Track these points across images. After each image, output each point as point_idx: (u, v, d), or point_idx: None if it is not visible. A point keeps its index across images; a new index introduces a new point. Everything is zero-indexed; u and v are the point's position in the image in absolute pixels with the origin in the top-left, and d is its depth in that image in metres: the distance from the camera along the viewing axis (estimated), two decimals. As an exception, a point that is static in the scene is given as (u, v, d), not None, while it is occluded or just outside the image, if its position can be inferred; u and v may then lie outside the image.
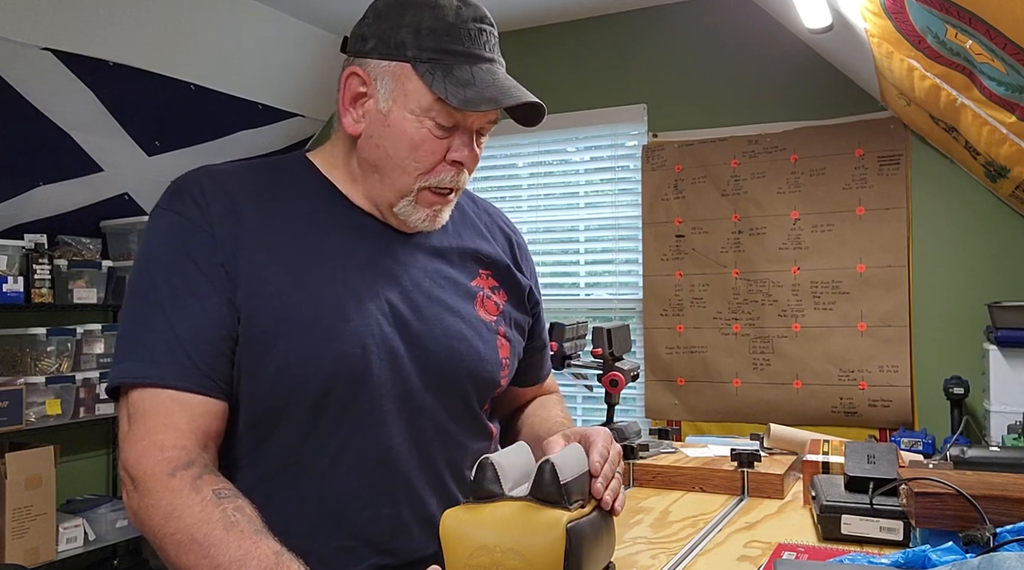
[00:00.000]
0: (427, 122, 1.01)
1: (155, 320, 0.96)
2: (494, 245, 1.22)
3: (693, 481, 1.58)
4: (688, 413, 3.36)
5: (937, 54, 1.91)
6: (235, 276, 0.98)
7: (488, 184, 3.93)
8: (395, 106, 1.01)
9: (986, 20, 1.48)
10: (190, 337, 0.95)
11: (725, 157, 3.31)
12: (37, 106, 2.90)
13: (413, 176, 1.03)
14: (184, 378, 0.94)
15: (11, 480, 2.75)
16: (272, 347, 0.97)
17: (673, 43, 3.45)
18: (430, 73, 0.99)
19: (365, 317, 1.01)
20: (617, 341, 1.89)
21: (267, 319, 0.97)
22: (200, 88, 3.29)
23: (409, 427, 1.04)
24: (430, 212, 1.06)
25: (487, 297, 1.16)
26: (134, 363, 0.95)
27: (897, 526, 1.19)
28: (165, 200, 1.03)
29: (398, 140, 1.02)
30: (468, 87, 0.99)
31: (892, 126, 3.05)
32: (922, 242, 3.04)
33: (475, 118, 1.03)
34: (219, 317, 0.97)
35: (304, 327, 0.98)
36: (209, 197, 1.01)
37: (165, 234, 1.00)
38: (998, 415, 2.54)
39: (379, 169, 1.04)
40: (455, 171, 1.05)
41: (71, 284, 3.23)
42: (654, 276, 3.44)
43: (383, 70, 1.01)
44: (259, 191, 1.04)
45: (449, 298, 1.10)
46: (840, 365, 3.10)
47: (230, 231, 0.99)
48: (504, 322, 1.17)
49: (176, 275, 0.97)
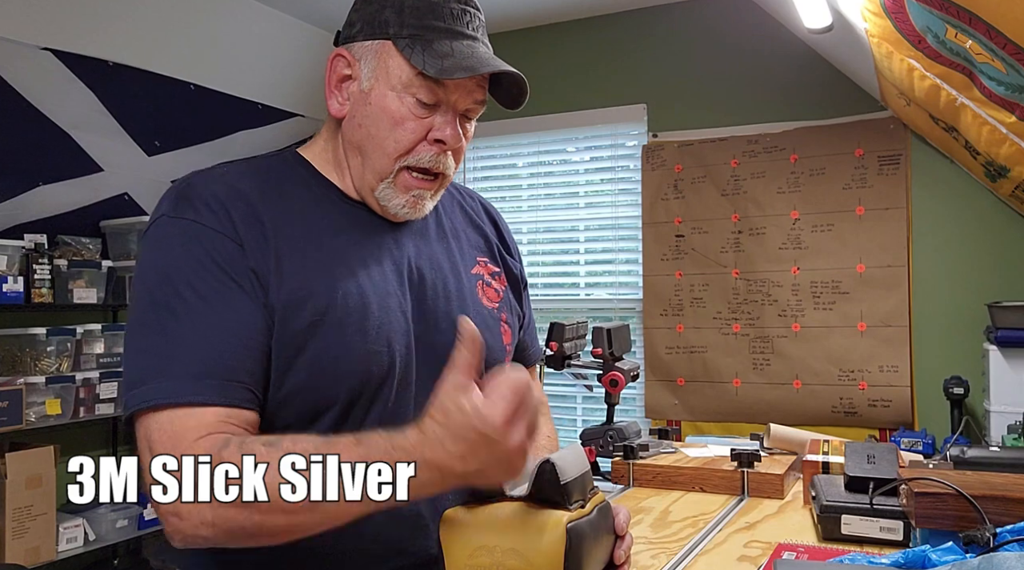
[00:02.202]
0: (408, 99, 0.99)
1: (186, 333, 0.90)
2: (485, 230, 1.22)
3: (693, 481, 1.58)
4: (688, 413, 3.36)
5: (937, 54, 1.91)
6: (266, 281, 0.95)
7: (488, 184, 3.93)
8: (377, 84, 1.00)
9: (986, 20, 1.48)
10: (230, 351, 0.90)
11: (725, 157, 3.31)
12: (37, 106, 2.90)
13: (393, 156, 1.01)
14: (226, 395, 0.89)
15: (11, 480, 2.75)
16: (303, 351, 0.95)
17: (673, 43, 3.45)
18: (409, 47, 0.98)
19: (387, 314, 1.01)
20: (617, 341, 1.89)
21: (299, 323, 0.95)
22: (200, 88, 3.28)
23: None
24: (409, 198, 1.04)
25: (487, 284, 1.16)
26: (169, 382, 0.88)
27: (897, 526, 1.19)
28: (171, 207, 0.97)
29: (379, 118, 1.00)
30: (446, 58, 0.98)
31: (892, 126, 3.05)
32: (922, 242, 3.03)
33: (458, 96, 1.01)
34: (256, 327, 0.93)
35: (335, 328, 0.96)
36: (226, 202, 0.97)
37: (184, 242, 0.94)
38: (998, 415, 2.54)
39: (362, 150, 1.03)
40: (436, 151, 1.02)
41: (71, 284, 3.23)
42: (654, 276, 3.43)
43: (366, 50, 1.01)
44: (269, 192, 1.02)
45: (454, 289, 1.10)
46: (840, 365, 3.10)
47: (256, 235, 0.96)
48: (505, 308, 1.18)
49: (204, 284, 0.92)
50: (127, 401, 0.90)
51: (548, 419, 1.30)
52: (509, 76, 1.02)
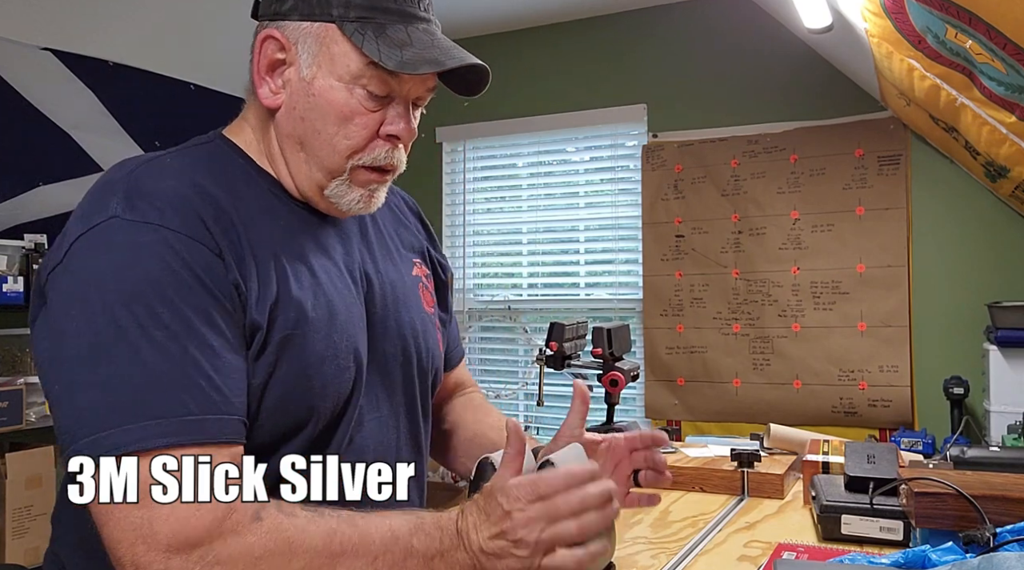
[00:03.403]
0: (357, 91, 0.89)
1: (172, 361, 0.77)
2: (413, 230, 1.15)
3: (693, 481, 1.58)
4: (688, 413, 3.36)
5: (937, 54, 1.91)
6: (247, 296, 0.85)
7: (488, 184, 3.93)
8: (320, 73, 0.89)
9: (986, 20, 1.48)
10: (222, 379, 0.80)
11: (725, 157, 3.31)
12: (37, 106, 2.90)
13: (344, 154, 0.91)
14: (228, 429, 0.80)
15: (11, 480, 2.75)
16: (277, 367, 0.87)
17: (673, 43, 3.45)
18: (359, 33, 0.88)
19: (351, 324, 0.95)
20: (617, 341, 1.89)
21: (273, 338, 0.87)
22: (200, 88, 3.28)
23: (379, 428, 1.00)
24: (365, 193, 0.95)
25: (425, 288, 1.11)
26: (157, 421, 0.75)
27: (897, 526, 1.19)
28: (125, 207, 0.81)
29: (325, 112, 0.90)
30: (405, 48, 0.87)
31: (892, 126, 3.05)
32: (922, 242, 3.03)
33: (412, 86, 0.92)
34: (241, 349, 0.84)
35: (307, 341, 0.89)
36: (194, 202, 0.84)
37: (153, 252, 0.79)
38: (998, 415, 2.54)
39: (305, 146, 0.92)
40: (390, 146, 0.93)
41: (71, 284, 3.23)
42: (654, 276, 3.43)
43: (304, 32, 0.90)
44: (227, 189, 0.89)
45: (400, 294, 1.04)
46: (840, 365, 3.10)
47: (232, 241, 0.85)
48: (439, 310, 1.13)
49: (186, 302, 0.79)
50: (95, 445, 0.74)
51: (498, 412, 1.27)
52: None
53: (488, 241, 3.92)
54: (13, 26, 2.63)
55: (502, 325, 3.84)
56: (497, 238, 3.90)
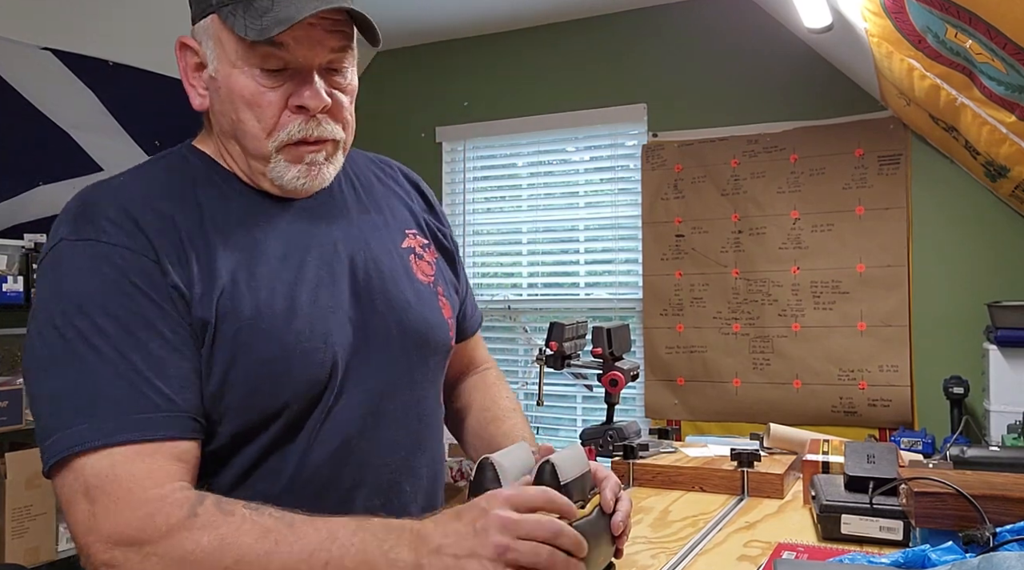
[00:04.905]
0: (253, 71, 0.90)
1: (110, 367, 0.82)
2: (408, 200, 1.15)
3: (693, 481, 1.58)
4: (688, 413, 3.36)
5: (937, 54, 1.91)
6: (189, 296, 0.87)
7: (488, 184, 3.93)
8: (220, 64, 0.92)
9: (986, 20, 1.48)
10: (162, 378, 0.83)
11: (725, 157, 3.32)
12: (37, 106, 2.90)
13: (262, 137, 0.92)
14: (168, 426, 0.83)
15: (11, 480, 2.75)
16: (235, 363, 0.89)
17: (673, 43, 3.45)
18: (232, 14, 0.89)
19: (318, 309, 0.95)
20: (617, 341, 1.89)
21: (226, 332, 0.88)
22: (200, 88, 3.29)
23: (376, 411, 0.99)
24: (303, 167, 0.95)
25: (419, 257, 1.10)
26: (102, 422, 0.80)
27: (897, 526, 1.19)
28: (71, 229, 0.88)
29: (234, 101, 0.92)
30: (266, 15, 0.87)
31: (892, 126, 3.05)
32: (922, 242, 3.04)
33: (304, 52, 0.90)
34: (186, 348, 0.86)
35: (265, 333, 0.90)
36: (134, 213, 0.88)
37: (93, 267, 0.85)
38: (998, 415, 2.55)
39: (236, 137, 0.94)
40: (303, 118, 0.92)
41: (71, 284, 3.23)
42: (654, 276, 3.44)
43: (203, 30, 0.93)
44: (177, 194, 0.93)
45: (387, 268, 1.04)
46: (840, 365, 3.10)
47: (172, 244, 0.88)
48: (440, 281, 1.12)
49: (125, 310, 0.84)
50: (49, 449, 0.81)
51: (509, 393, 1.27)
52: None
53: (488, 241, 3.92)
54: (13, 26, 2.63)
55: (502, 325, 3.84)
56: (497, 238, 3.90)
